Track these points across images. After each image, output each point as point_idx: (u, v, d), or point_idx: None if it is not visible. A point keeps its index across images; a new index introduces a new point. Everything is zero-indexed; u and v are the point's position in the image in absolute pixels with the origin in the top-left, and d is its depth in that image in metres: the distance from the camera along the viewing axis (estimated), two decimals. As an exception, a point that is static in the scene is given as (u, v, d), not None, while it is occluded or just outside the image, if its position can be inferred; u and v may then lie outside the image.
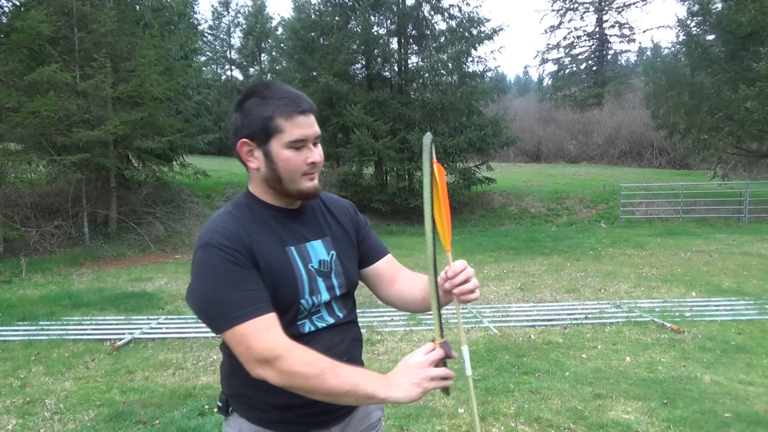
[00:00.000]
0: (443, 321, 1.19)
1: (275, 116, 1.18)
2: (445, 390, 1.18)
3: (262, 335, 1.10)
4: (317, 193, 1.28)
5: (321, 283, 1.27)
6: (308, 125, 1.21)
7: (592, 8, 38.08)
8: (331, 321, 1.29)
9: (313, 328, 1.25)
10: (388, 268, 1.45)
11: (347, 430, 1.33)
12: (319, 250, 1.29)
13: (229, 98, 28.52)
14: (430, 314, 1.24)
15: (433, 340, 1.16)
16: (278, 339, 1.11)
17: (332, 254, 1.32)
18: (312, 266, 1.26)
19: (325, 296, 1.27)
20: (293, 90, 1.23)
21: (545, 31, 61.26)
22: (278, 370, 1.09)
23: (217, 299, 1.12)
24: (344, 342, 1.30)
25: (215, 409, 1.36)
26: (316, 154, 1.23)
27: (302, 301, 1.23)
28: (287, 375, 1.09)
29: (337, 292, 1.31)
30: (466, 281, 1.19)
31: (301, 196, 1.26)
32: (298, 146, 1.20)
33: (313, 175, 1.24)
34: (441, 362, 1.15)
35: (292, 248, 1.25)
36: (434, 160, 1.18)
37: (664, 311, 6.04)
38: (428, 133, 1.20)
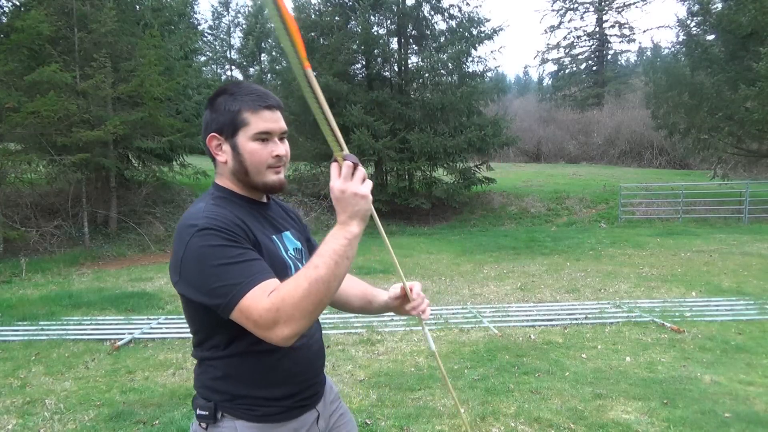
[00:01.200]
0: None
1: (242, 110, 1.23)
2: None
3: (260, 301, 1.07)
4: (282, 187, 1.31)
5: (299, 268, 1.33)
6: (274, 120, 1.26)
7: (592, 8, 38.08)
8: None
9: None
10: None
11: (324, 406, 1.41)
12: (292, 239, 1.38)
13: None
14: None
15: (335, 160, 1.16)
16: (271, 296, 1.08)
17: (301, 243, 1.42)
18: (290, 253, 1.34)
19: None
20: (262, 88, 1.28)
21: (545, 31, 61.23)
22: (287, 319, 1.06)
23: (223, 277, 1.10)
24: (318, 326, 1.41)
25: (195, 419, 1.33)
26: (282, 148, 1.28)
27: None
28: (296, 313, 1.06)
29: None
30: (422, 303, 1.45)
31: (266, 189, 1.31)
32: (263, 138, 1.25)
33: (278, 168, 1.28)
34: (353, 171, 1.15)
35: (274, 237, 1.31)
36: None
37: (664, 311, 6.03)
38: None
